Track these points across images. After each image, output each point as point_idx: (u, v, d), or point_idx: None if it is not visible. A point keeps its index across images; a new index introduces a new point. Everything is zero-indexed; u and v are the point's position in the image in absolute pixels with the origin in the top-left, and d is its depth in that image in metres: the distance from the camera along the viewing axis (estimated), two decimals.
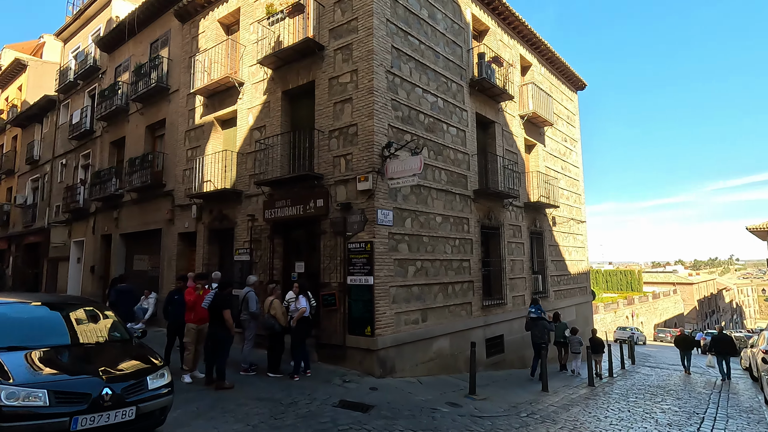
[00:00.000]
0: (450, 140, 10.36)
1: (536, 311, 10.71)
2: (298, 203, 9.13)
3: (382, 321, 7.91)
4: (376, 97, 8.33)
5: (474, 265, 10.64)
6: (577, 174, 17.70)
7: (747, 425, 7.59)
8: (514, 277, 12.36)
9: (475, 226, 10.84)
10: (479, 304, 10.63)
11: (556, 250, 15.24)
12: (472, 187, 10.87)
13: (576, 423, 6.68)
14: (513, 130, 13.22)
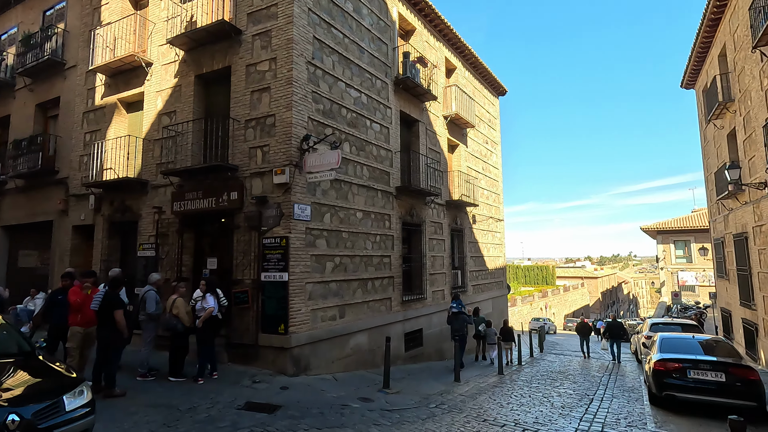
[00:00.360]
0: (373, 136, 10.38)
1: (457, 306, 11.26)
2: (211, 195, 8.60)
3: (296, 318, 7.71)
4: (295, 88, 8.07)
5: (395, 261, 10.78)
6: (496, 175, 18.71)
7: (627, 403, 8.52)
8: (435, 273, 12.76)
9: (396, 223, 10.99)
10: (399, 299, 10.81)
11: (476, 247, 15.99)
12: (394, 184, 11.00)
13: (480, 410, 7.03)
14: (437, 129, 13.61)
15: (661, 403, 8.14)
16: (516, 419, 6.66)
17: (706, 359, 7.60)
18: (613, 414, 7.50)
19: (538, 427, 6.33)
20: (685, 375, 7.63)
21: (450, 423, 6.15)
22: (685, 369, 7.65)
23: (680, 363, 7.73)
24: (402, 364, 10.71)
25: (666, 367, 7.83)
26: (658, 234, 41.92)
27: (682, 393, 7.63)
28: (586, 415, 7.29)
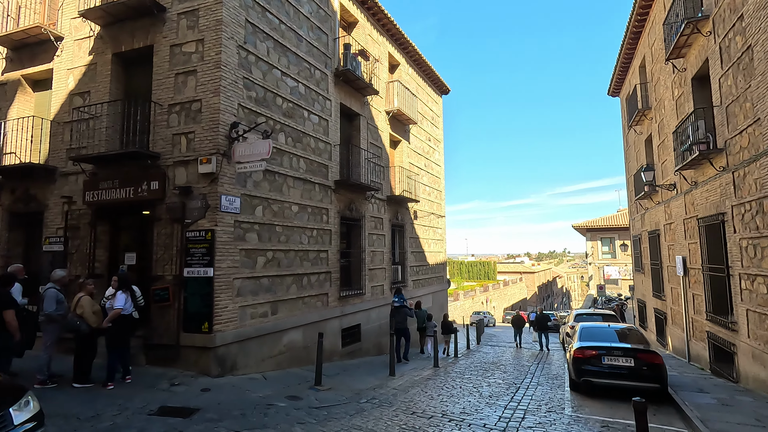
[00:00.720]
0: (311, 128, 10.11)
1: (399, 300, 11.70)
2: (129, 185, 7.93)
3: (222, 316, 7.31)
4: (224, 73, 7.62)
5: (332, 256, 10.60)
6: (438, 172, 19.07)
7: (550, 390, 8.99)
8: (374, 268, 12.73)
9: (335, 217, 10.80)
10: (336, 294, 10.65)
11: (417, 242, 16.19)
12: (333, 178, 10.80)
13: (410, 403, 7.07)
14: (378, 124, 13.56)
15: (580, 388, 8.67)
16: (444, 410, 6.76)
17: (618, 346, 8.19)
18: (536, 401, 7.86)
19: (464, 416, 6.47)
20: (600, 361, 8.17)
21: (378, 417, 6.11)
22: (600, 356, 8.19)
23: (596, 350, 8.26)
24: (339, 360, 10.58)
25: (584, 354, 8.34)
26: (587, 231, 45.05)
27: (598, 378, 8.16)
28: (511, 403, 7.58)
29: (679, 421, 6.69)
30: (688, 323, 12.48)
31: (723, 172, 9.36)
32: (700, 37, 10.20)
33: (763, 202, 7.70)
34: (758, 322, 8.13)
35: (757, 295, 8.11)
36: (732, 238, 9.09)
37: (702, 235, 10.85)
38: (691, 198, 11.69)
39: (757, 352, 8.18)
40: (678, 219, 13.01)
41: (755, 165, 7.92)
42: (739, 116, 8.51)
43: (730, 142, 9.02)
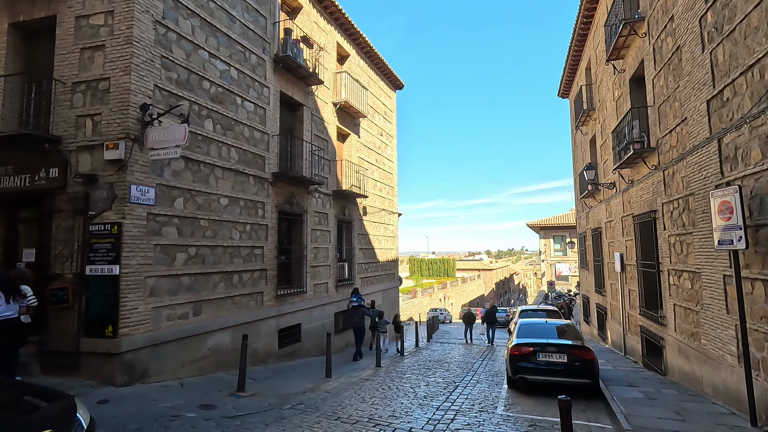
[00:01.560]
0: (245, 116, 9.47)
1: (357, 300, 12.11)
2: (25, 172, 7.03)
3: (130, 318, 6.61)
4: (136, 49, 6.88)
5: (269, 252, 10.03)
6: (391, 168, 18.79)
7: (488, 387, 8.88)
8: (318, 265, 12.25)
9: (272, 212, 10.22)
10: (273, 293, 10.09)
11: (366, 239, 15.83)
12: (271, 170, 10.21)
13: (338, 408, 6.68)
14: (325, 116, 13.05)
15: (517, 385, 8.61)
16: (372, 414, 6.42)
17: (551, 342, 8.17)
18: (471, 400, 7.69)
19: (392, 420, 6.15)
20: (535, 358, 8.12)
21: (297, 425, 5.67)
22: (536, 352, 8.14)
23: (532, 347, 8.21)
24: (275, 362, 10.03)
25: (520, 351, 8.26)
26: (540, 230, 46.50)
27: (532, 375, 8.11)
28: (445, 403, 7.36)
29: (606, 417, 6.69)
30: (625, 318, 12.87)
31: (655, 171, 9.60)
32: (637, 39, 10.43)
33: (689, 199, 7.89)
34: (684, 316, 8.37)
35: (683, 290, 8.33)
36: (662, 235, 9.33)
37: (637, 232, 11.15)
38: (628, 196, 12.02)
39: (683, 346, 8.41)
40: (617, 217, 13.39)
41: (682, 163, 8.11)
42: (669, 116, 8.71)
43: (662, 141, 9.25)
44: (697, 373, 7.84)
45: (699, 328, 7.64)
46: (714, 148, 6.80)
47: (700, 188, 7.32)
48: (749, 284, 5.91)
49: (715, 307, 6.94)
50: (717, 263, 6.81)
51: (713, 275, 6.96)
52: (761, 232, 5.62)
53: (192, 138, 7.97)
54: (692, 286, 7.89)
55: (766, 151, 5.47)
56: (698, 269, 7.53)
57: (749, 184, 5.88)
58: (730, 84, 6.26)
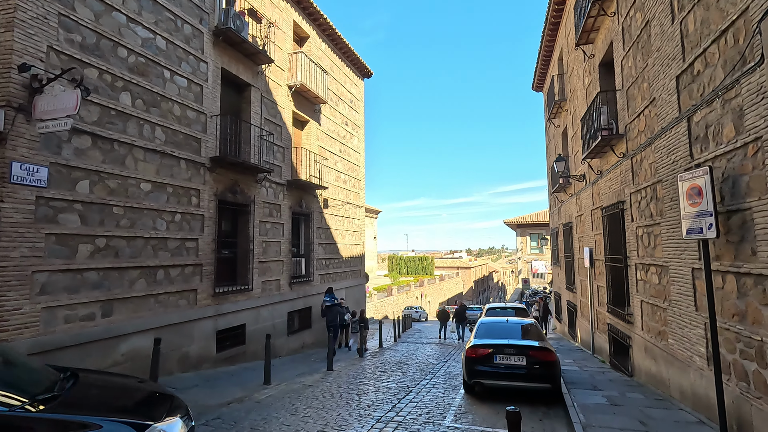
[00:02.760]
0: (176, 92, 8.44)
1: (330, 299, 12.41)
2: None
3: (10, 321, 5.56)
4: (21, 2, 5.80)
5: (205, 245, 9.02)
6: (357, 159, 17.90)
7: (443, 393, 8.11)
8: (268, 260, 11.28)
9: (210, 200, 9.21)
10: (210, 290, 9.09)
11: (327, 233, 14.92)
12: (208, 154, 9.20)
13: (260, 423, 5.77)
14: (278, 99, 12.07)
15: (474, 390, 7.88)
16: (299, 430, 5.55)
17: (509, 343, 7.45)
18: (420, 408, 6.90)
19: None
20: (492, 360, 7.39)
21: None
22: (493, 354, 7.41)
23: (488, 348, 7.48)
24: (211, 367, 9.04)
25: (476, 353, 7.52)
26: (517, 227, 46.37)
27: (488, 379, 7.38)
28: (390, 413, 6.55)
29: (564, 428, 5.99)
30: (594, 316, 12.34)
31: (623, 159, 9.00)
32: (606, 19, 9.81)
33: (657, 187, 7.27)
34: (651, 313, 7.76)
35: (651, 286, 7.73)
36: (630, 227, 8.74)
37: (605, 225, 10.57)
38: (597, 188, 11.45)
39: (650, 346, 7.81)
40: (587, 210, 12.84)
41: (650, 149, 7.49)
42: (638, 98, 8.09)
43: (630, 126, 8.64)
44: (664, 375, 7.24)
45: (666, 326, 7.04)
46: (683, 128, 6.16)
47: (669, 174, 6.69)
48: (720, 278, 5.27)
49: (683, 304, 6.31)
50: (686, 255, 6.18)
51: (681, 269, 6.33)
52: (733, 218, 4.97)
53: (103, 112, 6.92)
54: (660, 281, 7.28)
55: (739, 127, 4.81)
56: (666, 263, 6.91)
57: (721, 165, 5.23)
58: (701, 55, 5.60)
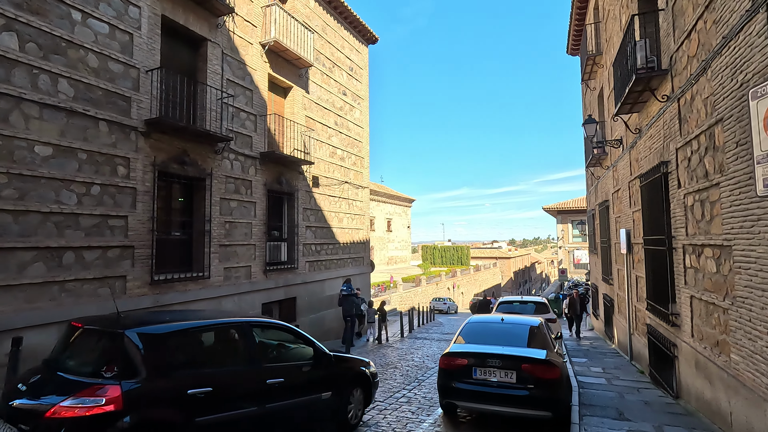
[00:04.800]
0: (91, 39, 7.00)
1: (347, 289, 12.33)
2: None
3: None
4: None
5: (138, 224, 7.62)
6: (360, 134, 16.07)
7: (414, 411, 6.30)
8: (233, 244, 9.79)
9: (144, 171, 7.78)
10: (145, 278, 7.70)
11: (319, 216, 13.28)
12: (142, 116, 7.74)
13: None
14: (247, 59, 10.46)
15: (454, 411, 6.00)
16: None
17: (494, 353, 5.44)
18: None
19: None
20: (470, 375, 5.43)
21: None
22: (471, 367, 5.45)
23: (466, 358, 5.52)
24: None
25: (450, 364, 5.60)
26: (558, 213, 42.82)
27: (464, 400, 5.46)
28: None
29: None
30: (631, 313, 9.92)
31: (667, 104, 6.61)
32: None
33: (715, 130, 4.94)
34: (704, 315, 5.47)
35: (704, 275, 5.43)
36: (675, 197, 6.39)
37: (644, 198, 8.17)
38: (635, 152, 8.99)
39: (702, 360, 5.54)
40: (623, 183, 10.35)
41: (705, 78, 5.15)
42: (688, 10, 5.70)
43: (676, 56, 6.24)
44: (723, 406, 4.99)
45: (728, 334, 4.78)
46: (759, 24, 3.86)
47: (733, 105, 4.39)
48: None
49: (757, 303, 4.07)
50: (760, 227, 3.93)
51: (753, 249, 4.09)
52: None
53: None
54: (718, 268, 5.00)
55: None
56: (728, 241, 4.64)
57: None
58: None
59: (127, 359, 3.44)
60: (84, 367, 3.51)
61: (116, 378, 3.30)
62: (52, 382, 3.42)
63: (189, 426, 3.54)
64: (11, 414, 3.26)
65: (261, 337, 4.69)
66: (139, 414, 3.28)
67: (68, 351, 3.79)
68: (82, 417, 3.02)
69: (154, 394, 3.45)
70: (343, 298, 12.26)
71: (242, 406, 4.00)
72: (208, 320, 4.34)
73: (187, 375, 3.72)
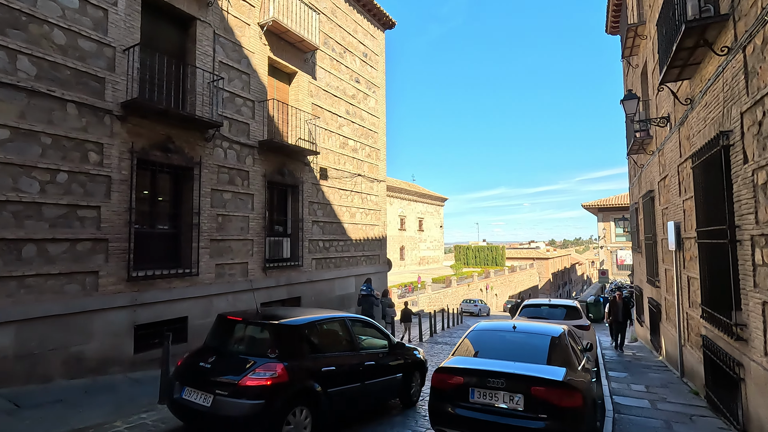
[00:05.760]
0: (57, 13, 6.45)
1: (367, 289, 11.85)
2: None
3: None
4: None
5: (113, 216, 7.02)
6: (375, 124, 15.12)
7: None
8: (227, 239, 9.09)
9: (121, 158, 7.17)
10: (122, 274, 7.09)
11: (327, 210, 12.43)
12: (117, 98, 7.15)
13: None
14: (243, 41, 9.75)
15: None
16: None
17: (498, 370, 4.31)
18: None
19: None
20: (467, 398, 4.33)
21: None
22: (467, 388, 4.35)
23: (462, 375, 4.43)
24: (124, 371, 7.06)
25: (444, 383, 4.53)
26: (599, 211, 40.16)
27: (458, 429, 4.35)
28: None
29: None
30: (682, 321, 8.38)
31: (729, 56, 5.21)
32: None
33: None
34: None
35: None
36: (740, 174, 4.99)
37: (698, 182, 6.71)
38: (686, 129, 7.50)
39: None
40: (672, 167, 8.81)
41: None
42: None
43: None
44: None
45: None
46: None
47: None
48: None
49: None
50: None
51: None
52: None
53: None
54: None
55: None
56: None
57: None
58: None
59: (284, 344, 4.52)
60: (253, 349, 4.63)
61: (278, 358, 4.36)
62: (232, 360, 4.48)
63: (326, 394, 4.63)
64: (207, 384, 4.29)
65: (354, 329, 5.70)
66: (296, 384, 4.37)
67: (232, 337, 4.90)
68: (263, 384, 4.10)
69: (304, 370, 4.52)
70: (363, 298, 12.00)
71: (351, 382, 5.06)
72: (327, 315, 5.49)
73: (321, 357, 4.85)
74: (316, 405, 4.53)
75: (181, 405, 4.36)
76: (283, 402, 4.19)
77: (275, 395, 4.14)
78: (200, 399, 4.23)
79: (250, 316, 5.09)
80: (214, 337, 5.00)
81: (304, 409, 4.42)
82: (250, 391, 4.05)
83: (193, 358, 4.68)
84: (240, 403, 4.02)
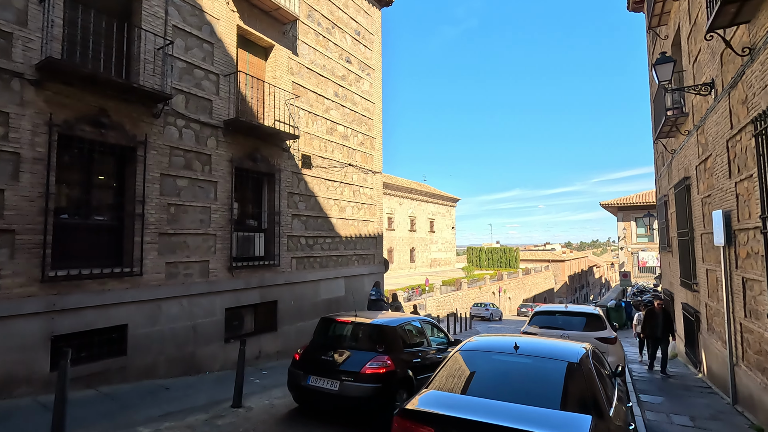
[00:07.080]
0: None
1: (376, 293, 11.82)
2: None
3: None
4: None
5: (22, 202, 5.73)
6: (370, 110, 13.68)
7: None
8: (180, 233, 7.74)
9: (35, 132, 5.89)
10: (32, 274, 5.79)
11: (311, 203, 11.03)
12: (31, 60, 5.87)
13: None
14: (205, 5, 8.43)
15: None
16: None
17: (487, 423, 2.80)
18: None
19: None
20: None
21: None
22: None
23: (434, 426, 2.94)
24: (34, 393, 5.74)
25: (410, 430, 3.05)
26: (618, 210, 38.01)
27: None
28: None
29: None
30: (734, 333, 6.70)
31: None
32: None
33: None
34: None
35: None
36: None
37: (761, 153, 5.09)
38: (741, 90, 5.87)
39: None
40: (718, 144, 7.14)
41: None
42: None
43: None
44: None
45: None
46: None
47: None
48: None
49: None
50: None
51: None
52: None
53: None
54: None
55: None
56: None
57: None
58: None
59: (387, 341, 5.52)
60: (364, 345, 5.58)
61: (385, 352, 5.39)
62: (351, 354, 5.43)
63: (416, 379, 5.55)
64: (333, 372, 5.33)
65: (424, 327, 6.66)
66: (399, 372, 5.35)
67: (342, 335, 6.00)
68: (379, 372, 5.16)
69: (402, 361, 5.53)
70: (372, 302, 11.89)
71: (429, 370, 5.47)
72: (407, 318, 6.48)
73: (410, 350, 5.86)
74: (410, 388, 5.44)
75: (310, 390, 5.38)
76: (392, 385, 5.23)
77: (388, 380, 5.17)
78: (327, 384, 5.26)
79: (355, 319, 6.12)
80: (322, 335, 6.00)
81: (405, 392, 5.37)
82: (370, 378, 5.07)
83: (312, 354, 5.67)
84: (363, 386, 5.05)
